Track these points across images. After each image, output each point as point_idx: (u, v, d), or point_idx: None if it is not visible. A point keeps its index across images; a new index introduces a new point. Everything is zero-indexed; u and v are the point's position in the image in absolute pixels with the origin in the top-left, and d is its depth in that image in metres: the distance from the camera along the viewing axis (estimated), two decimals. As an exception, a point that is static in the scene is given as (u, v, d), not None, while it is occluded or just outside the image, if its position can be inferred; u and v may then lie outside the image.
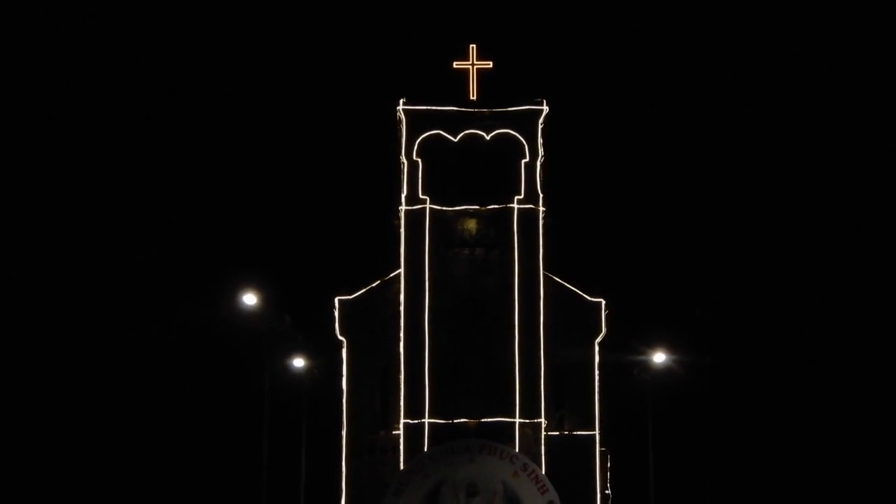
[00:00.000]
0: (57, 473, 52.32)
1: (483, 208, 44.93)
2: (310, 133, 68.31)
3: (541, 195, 44.96)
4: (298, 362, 45.02)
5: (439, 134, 45.23)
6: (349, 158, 62.43)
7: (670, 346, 44.24)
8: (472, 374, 44.60)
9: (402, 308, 44.52)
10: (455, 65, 46.13)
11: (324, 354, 46.95)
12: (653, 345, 44.15)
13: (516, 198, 44.71)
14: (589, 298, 45.82)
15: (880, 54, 65.84)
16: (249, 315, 40.56)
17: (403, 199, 45.04)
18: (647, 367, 44.86)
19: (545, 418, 44.23)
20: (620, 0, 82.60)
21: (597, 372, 45.70)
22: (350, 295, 45.87)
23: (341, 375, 45.54)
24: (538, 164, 45.38)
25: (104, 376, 53.45)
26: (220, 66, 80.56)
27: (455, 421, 43.98)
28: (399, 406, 44.14)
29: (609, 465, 46.63)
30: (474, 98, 46.03)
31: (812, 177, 66.64)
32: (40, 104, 61.04)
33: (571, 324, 45.60)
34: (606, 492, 46.09)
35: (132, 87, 71.98)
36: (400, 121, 45.67)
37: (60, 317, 54.97)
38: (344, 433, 45.10)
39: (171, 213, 60.98)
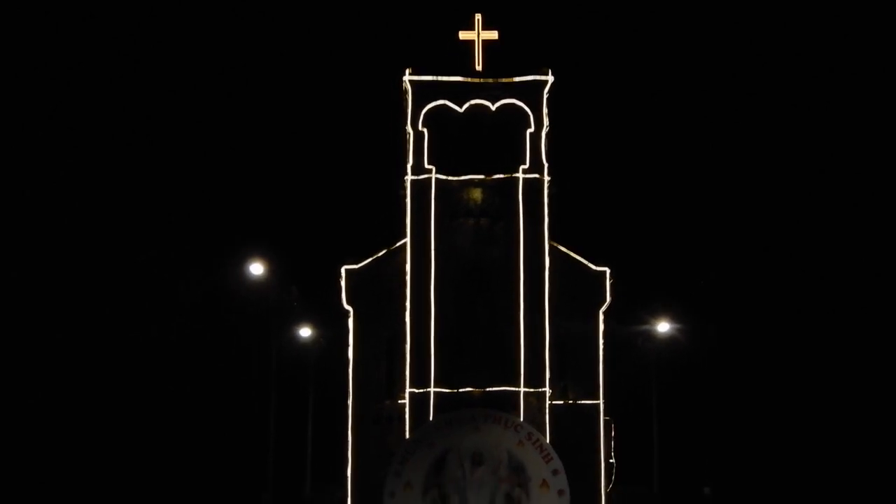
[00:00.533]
0: (63, 447, 53.57)
1: (488, 178, 45.55)
2: (316, 104, 68.98)
3: (546, 165, 45.46)
4: (305, 332, 45.84)
5: (445, 104, 45.68)
6: (355, 128, 62.97)
7: (674, 316, 45.14)
8: (477, 344, 45.12)
9: (408, 277, 45.19)
10: (461, 35, 46.71)
11: (330, 324, 47.39)
12: (657, 314, 44.98)
13: (521, 167, 45.31)
14: (594, 268, 46.30)
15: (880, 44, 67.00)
16: (256, 285, 41.93)
17: (409, 169, 45.53)
18: (651, 336, 45.60)
19: (549, 388, 44.82)
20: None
21: (601, 341, 46.50)
22: (356, 264, 46.60)
23: (348, 345, 46.48)
24: (543, 134, 45.83)
25: (110, 349, 54.33)
26: (228, 37, 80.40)
27: (460, 390, 44.49)
28: (405, 375, 44.96)
29: (613, 434, 47.46)
30: (480, 68, 46.43)
31: (816, 145, 67.06)
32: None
33: (576, 293, 46.12)
34: (610, 461, 47.01)
35: (133, 57, 71.95)
36: (406, 91, 46.16)
37: (65, 301, 55.44)
38: (350, 402, 46.11)
39: (177, 184, 61.39)
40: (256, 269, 42.52)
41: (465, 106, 45.95)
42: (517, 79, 46.13)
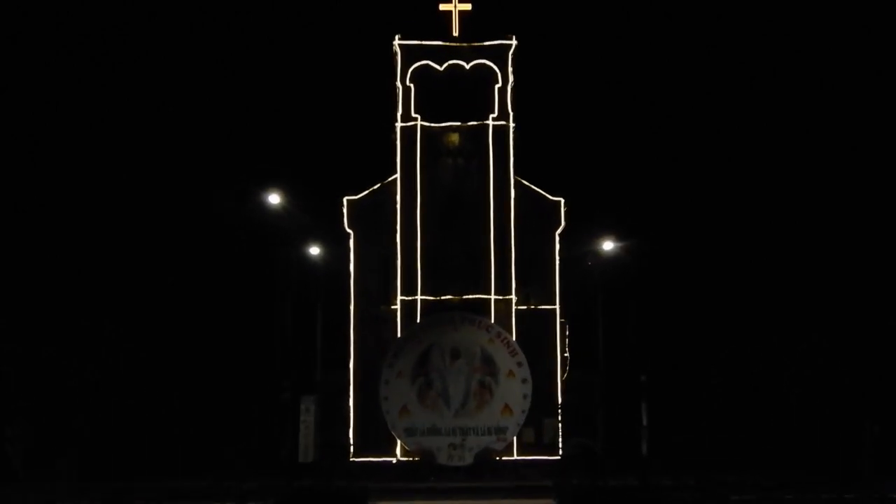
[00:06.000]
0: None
1: (464, 125, 56.89)
2: (323, 64, 77.50)
3: (511, 114, 56.35)
4: (314, 250, 55.14)
5: (427, 64, 56.80)
6: (355, 83, 71.56)
7: (618, 236, 54.61)
8: (455, 260, 56.51)
9: (398, 206, 56.19)
10: (441, 6, 57.26)
11: (335, 244, 57.61)
12: (603, 235, 54.34)
13: (491, 116, 56.55)
14: (551, 198, 57.69)
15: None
16: (274, 211, 49.75)
17: (399, 117, 56.58)
18: (598, 253, 54.87)
19: (514, 295, 56.21)
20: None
21: (557, 258, 57.40)
22: (356, 195, 57.69)
23: (349, 261, 57.33)
24: (509, 88, 56.78)
25: (139, 264, 62.13)
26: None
27: (442, 298, 56.01)
28: (396, 286, 56.24)
29: (567, 333, 58.42)
30: (456, 34, 57.37)
31: (749, 74, 75.28)
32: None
33: (536, 218, 57.22)
34: (565, 355, 57.92)
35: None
36: (395, 53, 56.74)
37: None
38: (352, 307, 57.05)
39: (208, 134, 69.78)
40: (274, 198, 48.84)
41: (445, 65, 56.86)
42: (487, 43, 57.11)
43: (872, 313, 60.01)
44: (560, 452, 56.98)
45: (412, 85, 57.80)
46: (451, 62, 57.96)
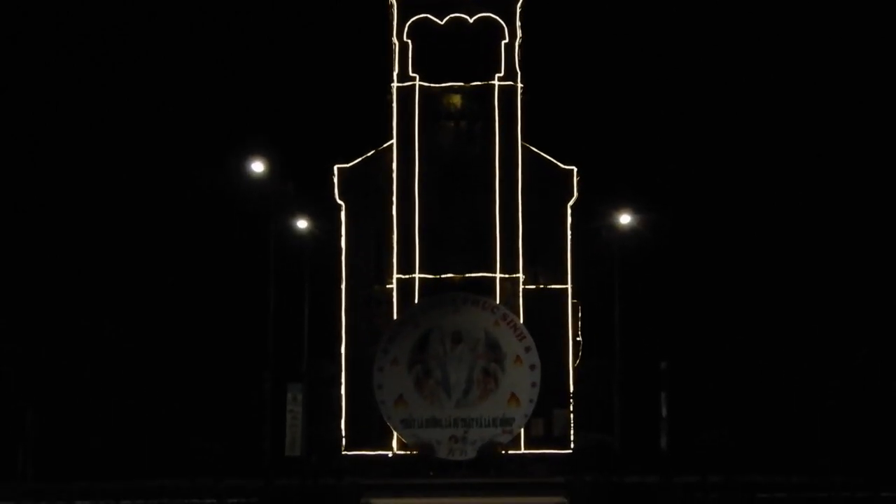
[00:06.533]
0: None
1: (467, 85, 56.43)
2: (310, 17, 75.74)
3: (518, 73, 55.60)
4: (301, 224, 54.73)
5: (427, 17, 56.04)
6: (346, 38, 70.37)
7: (635, 208, 54.22)
8: (457, 234, 56.20)
9: (394, 175, 55.62)
10: None
11: (324, 217, 57.10)
12: (620, 207, 53.89)
13: (497, 75, 55.93)
14: (562, 166, 57.03)
15: None
16: (256, 181, 49.98)
17: (395, 77, 55.92)
18: (614, 226, 54.53)
19: (522, 274, 55.58)
20: None
21: (569, 232, 56.83)
22: (347, 163, 56.99)
23: (340, 236, 56.69)
24: (517, 44, 55.98)
25: (120, 234, 62.65)
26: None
27: (442, 276, 55.54)
28: (392, 263, 55.59)
29: (580, 315, 57.97)
30: None
31: (765, 45, 73.10)
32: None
33: (546, 189, 56.75)
34: (577, 339, 57.51)
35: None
36: (391, 5, 55.87)
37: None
38: (343, 287, 56.41)
39: (188, 97, 68.77)
40: (257, 166, 49.28)
41: (446, 19, 56.14)
42: (492, -8, 55.41)
43: None
44: (572, 446, 57.36)
45: (410, 41, 57.32)
46: (452, 15, 57.35)
